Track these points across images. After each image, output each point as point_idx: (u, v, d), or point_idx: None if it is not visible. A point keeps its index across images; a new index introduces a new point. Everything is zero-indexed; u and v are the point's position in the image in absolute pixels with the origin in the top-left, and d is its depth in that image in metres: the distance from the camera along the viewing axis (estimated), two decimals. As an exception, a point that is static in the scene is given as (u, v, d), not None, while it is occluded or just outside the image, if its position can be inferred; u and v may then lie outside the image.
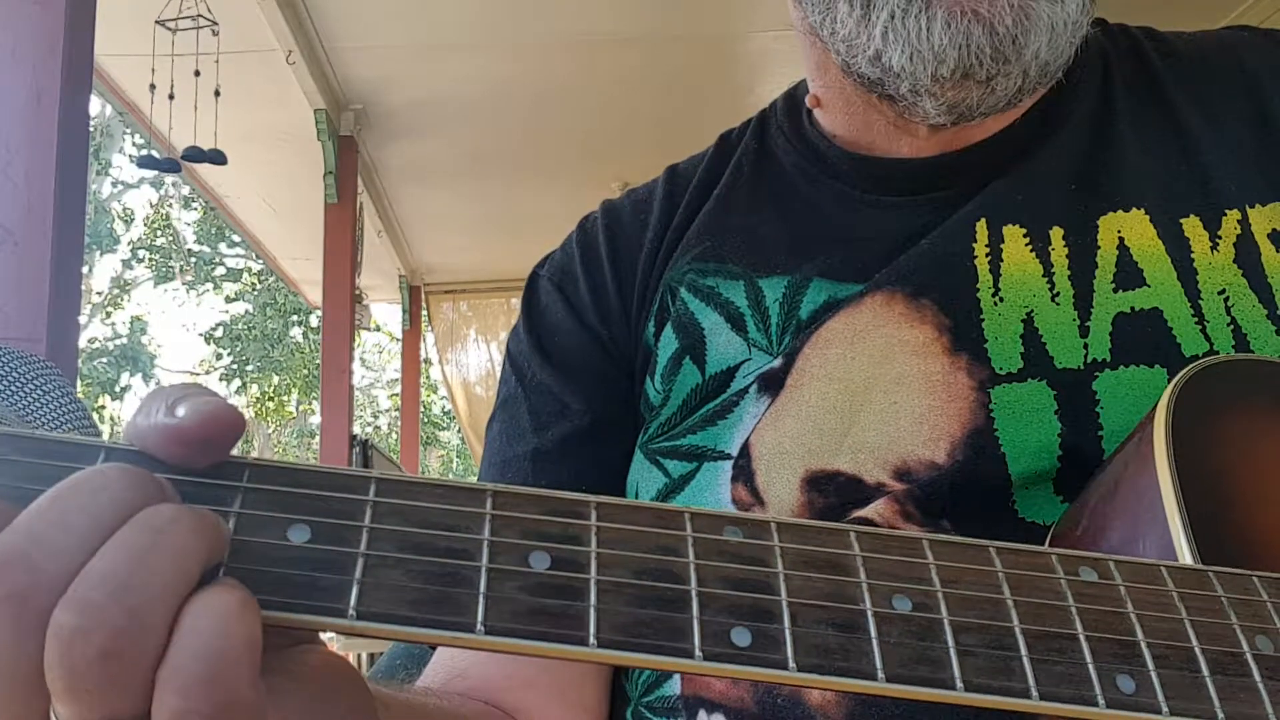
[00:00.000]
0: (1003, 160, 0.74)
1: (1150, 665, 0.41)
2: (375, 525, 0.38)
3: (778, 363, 0.71)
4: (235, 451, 0.39)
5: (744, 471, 0.69)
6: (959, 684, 0.39)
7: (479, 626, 0.36)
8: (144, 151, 4.47)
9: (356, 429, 7.74)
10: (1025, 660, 0.40)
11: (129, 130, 16.62)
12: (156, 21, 4.06)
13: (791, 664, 0.37)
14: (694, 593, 0.38)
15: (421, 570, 0.37)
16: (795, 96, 0.85)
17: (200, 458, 0.38)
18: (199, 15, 4.03)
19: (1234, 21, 4.34)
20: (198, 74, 4.19)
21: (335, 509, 0.38)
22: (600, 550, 0.39)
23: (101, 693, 0.33)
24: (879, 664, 0.38)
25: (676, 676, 0.70)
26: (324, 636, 0.44)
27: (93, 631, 0.33)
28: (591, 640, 0.36)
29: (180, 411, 0.37)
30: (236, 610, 0.34)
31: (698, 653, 0.37)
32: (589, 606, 0.37)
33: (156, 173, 4.72)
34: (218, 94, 4.30)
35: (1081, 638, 0.41)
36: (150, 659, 0.34)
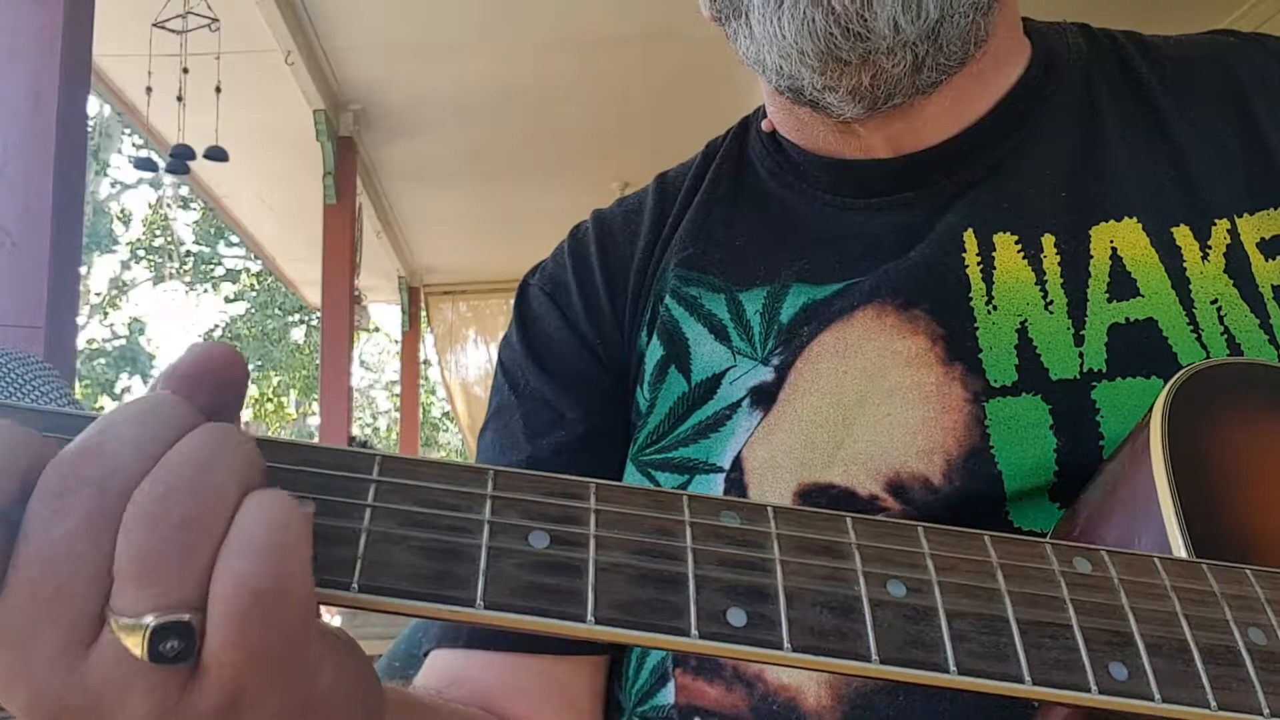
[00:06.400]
0: (975, 163, 0.74)
1: (1143, 654, 0.41)
2: (378, 503, 0.39)
3: (770, 376, 0.71)
4: None
5: (736, 485, 0.69)
6: (952, 667, 0.39)
7: (478, 601, 0.37)
8: (142, 152, 4.48)
9: (355, 430, 7.74)
10: (1019, 646, 0.40)
11: (127, 130, 16.61)
12: (154, 24, 4.06)
13: (786, 644, 0.38)
14: (690, 574, 0.39)
15: (423, 547, 0.38)
16: None
17: (202, 394, 0.40)
18: (189, 13, 4.02)
19: (1235, 22, 4.35)
20: (186, 71, 4.19)
21: (339, 486, 0.39)
22: (599, 531, 0.39)
23: (169, 572, 0.34)
24: (873, 647, 0.39)
25: (670, 685, 0.70)
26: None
27: (174, 501, 0.35)
28: (589, 617, 0.37)
29: (178, 357, 0.40)
30: (292, 502, 0.36)
31: (693, 631, 0.37)
32: (587, 585, 0.38)
33: (155, 173, 4.72)
34: (218, 90, 4.31)
35: (1075, 625, 0.41)
36: (218, 540, 0.35)
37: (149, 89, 4.21)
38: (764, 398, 0.71)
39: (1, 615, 0.35)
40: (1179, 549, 0.49)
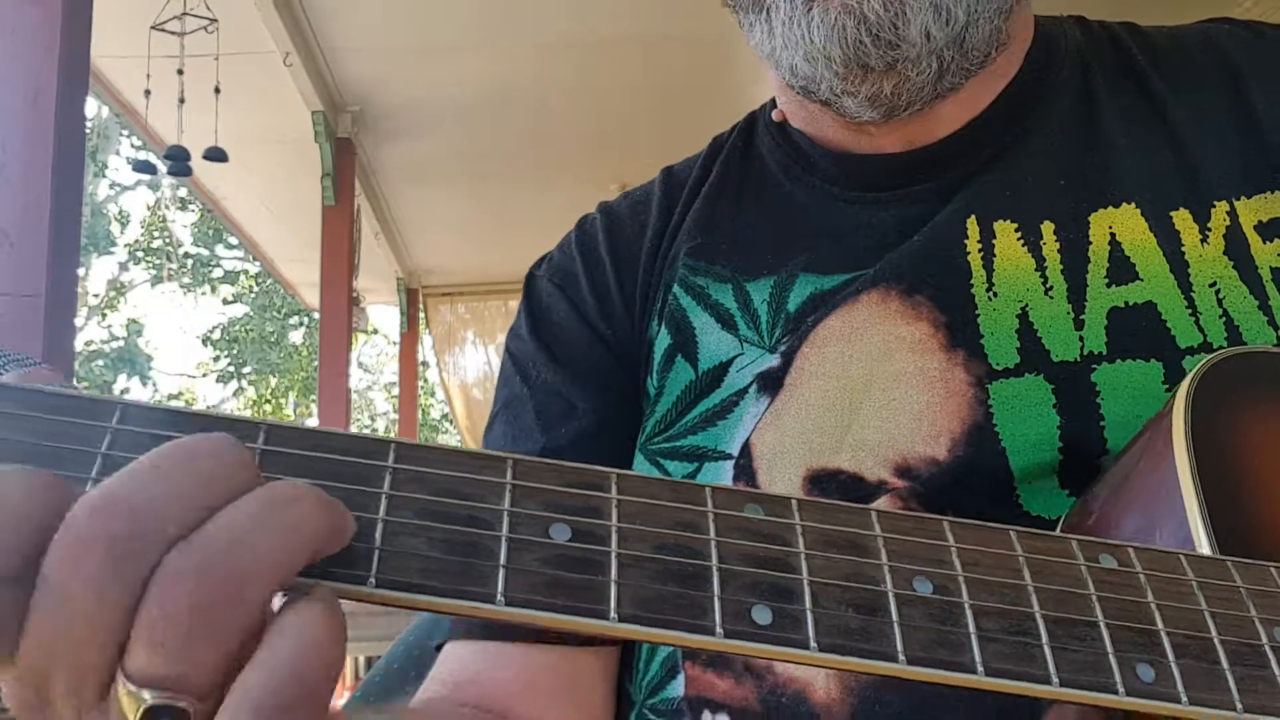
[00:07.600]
0: (978, 154, 0.75)
1: (1170, 655, 0.41)
2: (394, 492, 0.37)
3: (776, 362, 0.71)
4: None
5: (745, 471, 0.69)
6: (979, 668, 0.38)
7: (499, 598, 0.35)
8: (141, 154, 4.49)
9: (353, 432, 7.74)
10: (1046, 647, 0.39)
11: (126, 132, 16.62)
12: (153, 27, 4.05)
13: (813, 644, 0.37)
14: (715, 569, 0.38)
15: (442, 539, 0.36)
16: None
17: None
18: (187, 14, 4.02)
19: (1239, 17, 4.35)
20: (180, 72, 4.18)
21: (353, 474, 0.37)
22: (621, 524, 0.38)
23: (180, 653, 0.33)
24: (900, 646, 0.38)
25: (680, 678, 0.70)
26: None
27: (201, 578, 0.33)
28: (612, 614, 0.36)
29: None
30: (333, 616, 0.35)
31: (718, 630, 0.36)
32: (609, 580, 0.37)
33: (153, 175, 4.72)
34: (218, 91, 4.30)
35: (1102, 625, 0.41)
36: (239, 630, 0.34)
37: (148, 91, 4.20)
38: (771, 384, 0.71)
39: (20, 664, 0.34)
40: (1201, 541, 0.48)
